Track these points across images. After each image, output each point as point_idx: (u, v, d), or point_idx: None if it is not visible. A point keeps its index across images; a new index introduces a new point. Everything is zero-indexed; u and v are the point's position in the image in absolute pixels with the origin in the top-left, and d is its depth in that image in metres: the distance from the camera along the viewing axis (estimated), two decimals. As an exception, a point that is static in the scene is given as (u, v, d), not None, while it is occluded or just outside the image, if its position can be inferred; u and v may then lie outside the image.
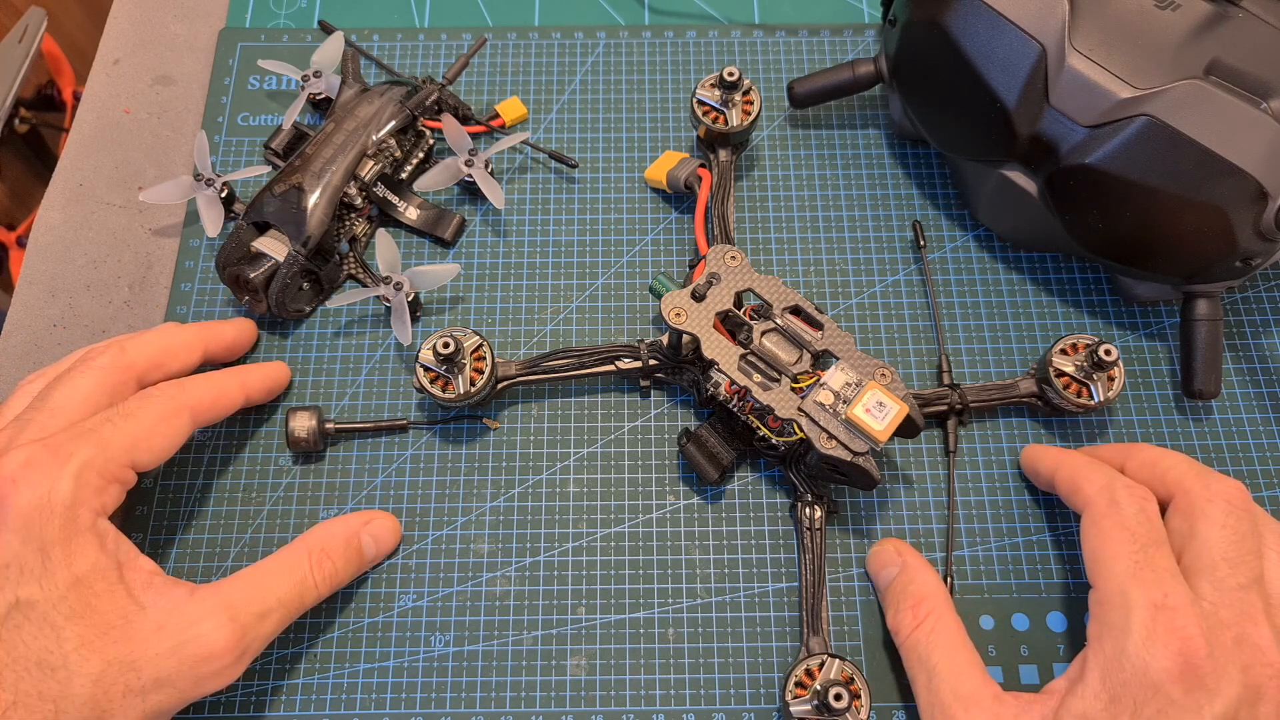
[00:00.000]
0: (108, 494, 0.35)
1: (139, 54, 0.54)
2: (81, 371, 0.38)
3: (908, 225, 0.49)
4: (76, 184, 0.51)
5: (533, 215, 0.49)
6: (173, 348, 0.41)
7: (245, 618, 0.35)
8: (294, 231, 0.44)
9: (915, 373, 0.46)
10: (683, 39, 0.54)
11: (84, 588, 0.33)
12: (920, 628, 0.37)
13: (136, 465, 0.36)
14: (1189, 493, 0.36)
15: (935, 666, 0.36)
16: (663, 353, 0.43)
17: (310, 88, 0.49)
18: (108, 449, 0.35)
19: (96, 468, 0.35)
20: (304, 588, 0.38)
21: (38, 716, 0.31)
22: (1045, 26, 0.41)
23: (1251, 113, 0.38)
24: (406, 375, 0.46)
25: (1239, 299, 0.48)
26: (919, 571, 0.39)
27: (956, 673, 0.36)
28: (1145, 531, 0.35)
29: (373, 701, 0.40)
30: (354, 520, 0.41)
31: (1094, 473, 0.38)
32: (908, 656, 0.38)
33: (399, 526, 0.42)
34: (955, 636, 0.37)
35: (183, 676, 0.34)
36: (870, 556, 0.42)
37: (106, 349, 0.39)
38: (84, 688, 0.32)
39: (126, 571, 0.34)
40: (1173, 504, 0.37)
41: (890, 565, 0.40)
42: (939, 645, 0.37)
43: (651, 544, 0.43)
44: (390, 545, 0.42)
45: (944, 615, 0.38)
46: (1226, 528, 0.35)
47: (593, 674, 0.40)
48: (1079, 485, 0.38)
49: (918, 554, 0.41)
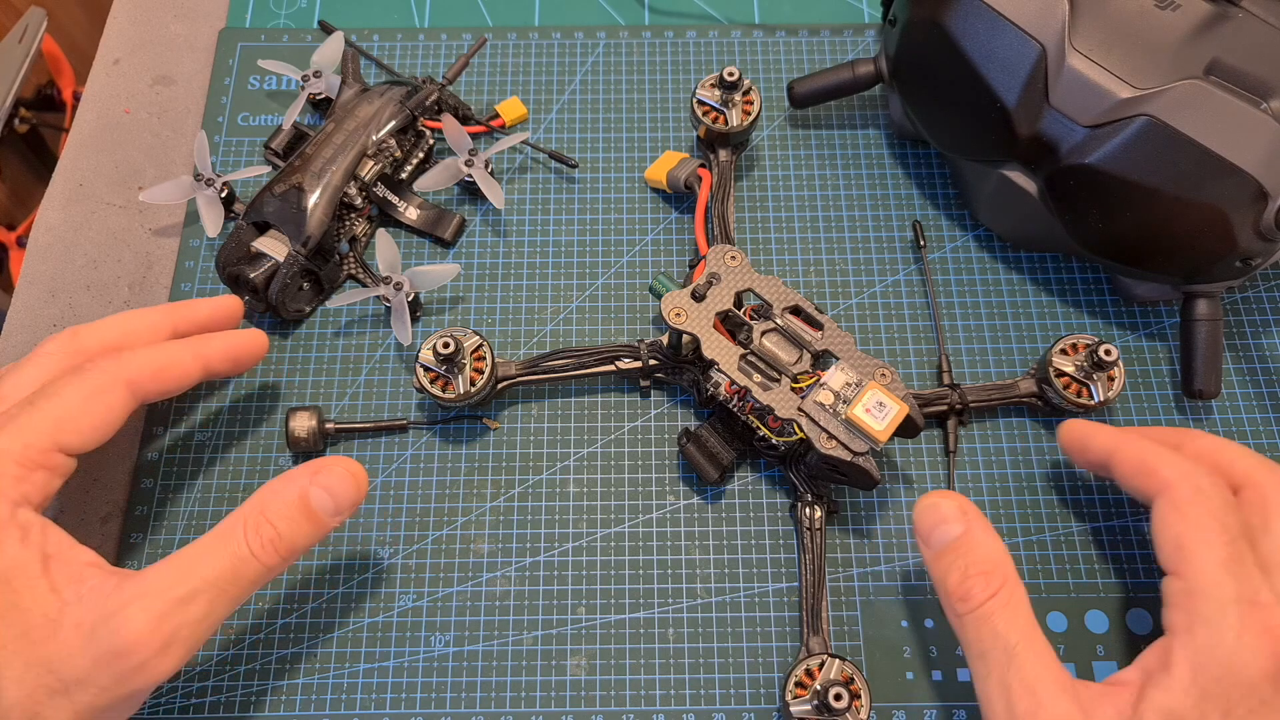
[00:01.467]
0: (29, 483, 0.33)
1: (139, 54, 0.54)
2: (30, 361, 0.36)
3: (908, 225, 0.49)
4: (76, 184, 0.51)
5: (533, 215, 0.49)
6: (135, 330, 0.38)
7: (163, 604, 0.31)
8: (294, 231, 0.44)
9: (915, 373, 0.46)
10: (683, 39, 0.54)
11: (3, 585, 0.31)
12: (995, 599, 0.33)
13: (65, 448, 0.34)
14: (1261, 486, 0.35)
15: (1015, 645, 0.33)
16: (663, 353, 0.43)
17: (310, 88, 0.49)
18: (24, 434, 0.33)
19: (14, 456, 0.32)
20: (239, 561, 0.33)
21: None
22: (1045, 26, 0.41)
23: (1251, 113, 0.38)
24: (406, 375, 0.46)
25: (1239, 299, 0.48)
26: (988, 535, 0.35)
27: (1039, 654, 0.33)
28: (1235, 523, 0.34)
29: (373, 701, 0.40)
30: (300, 473, 0.35)
31: (1170, 457, 0.36)
32: (978, 628, 0.34)
33: (359, 471, 0.36)
34: (1031, 614, 0.34)
35: (101, 673, 0.31)
36: (923, 509, 0.36)
37: (58, 336, 0.37)
38: (11, 691, 0.30)
39: (53, 564, 0.32)
40: (1242, 496, 0.35)
41: (950, 521, 0.35)
42: (1017, 621, 0.33)
43: (651, 544, 0.43)
44: (349, 495, 0.35)
45: (1019, 589, 0.34)
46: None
47: (593, 674, 0.40)
48: (1152, 468, 0.36)
49: (982, 515, 0.36)
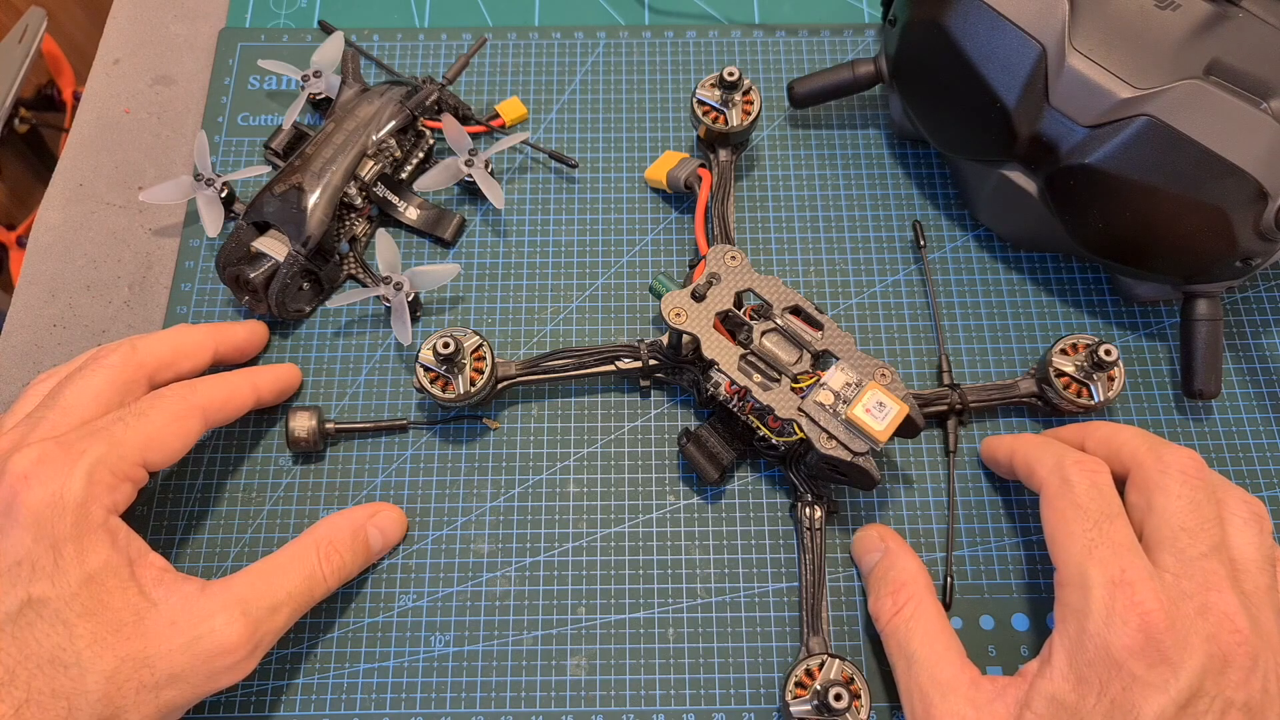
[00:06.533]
0: (119, 492, 0.35)
1: (139, 54, 0.54)
2: (93, 370, 0.38)
3: (908, 225, 0.49)
4: (76, 184, 0.51)
5: (533, 215, 0.49)
6: (184, 348, 0.41)
7: (257, 612, 0.35)
8: (294, 231, 0.44)
9: (915, 373, 0.46)
10: (683, 39, 0.54)
11: (96, 585, 0.33)
12: (899, 614, 0.37)
13: (148, 464, 0.36)
14: (1143, 466, 0.36)
15: (914, 652, 0.36)
16: (663, 353, 0.43)
17: (310, 88, 0.49)
18: (120, 447, 0.35)
19: (109, 465, 0.35)
20: (313, 581, 0.38)
21: (51, 714, 0.31)
22: (1045, 26, 0.41)
23: (1251, 113, 0.38)
24: (406, 375, 0.46)
25: (1239, 299, 0.48)
26: (900, 557, 0.39)
27: (935, 659, 0.36)
28: (1098, 507, 0.35)
29: (373, 701, 0.40)
30: (360, 513, 0.41)
31: (1045, 452, 0.38)
32: (887, 642, 0.38)
33: (404, 518, 0.43)
34: (934, 623, 0.37)
35: (196, 671, 0.34)
36: (854, 541, 0.42)
37: (118, 348, 0.39)
38: (97, 684, 0.32)
39: (138, 568, 0.35)
40: (1129, 479, 0.37)
41: (873, 550, 0.40)
42: (918, 631, 0.37)
43: (651, 544, 0.43)
44: (396, 537, 0.42)
45: (923, 601, 0.38)
46: (1182, 498, 0.35)
47: (593, 674, 0.40)
48: (1032, 467, 0.38)
49: (900, 539, 0.41)
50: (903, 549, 0.40)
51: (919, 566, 0.39)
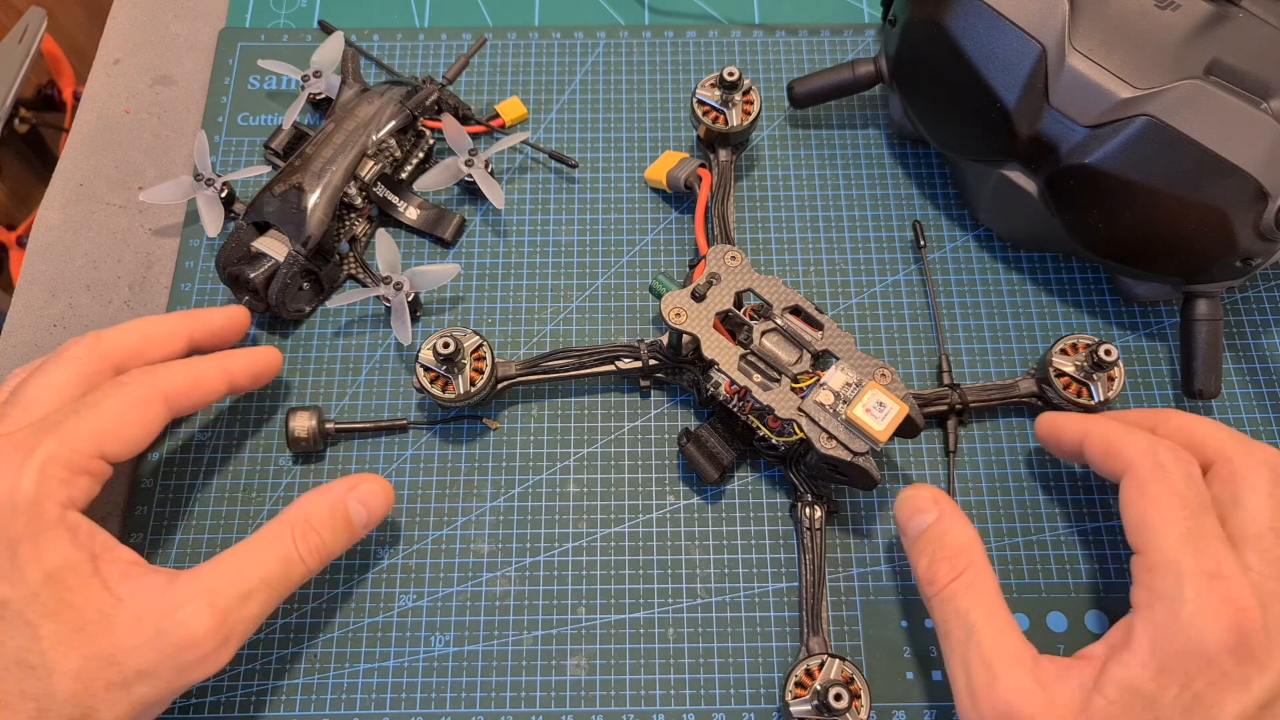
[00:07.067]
0: (75, 486, 0.34)
1: (139, 54, 0.54)
2: (56, 364, 0.37)
3: (908, 225, 0.49)
4: (76, 184, 0.51)
5: (533, 215, 0.49)
6: (154, 336, 0.40)
7: (225, 601, 0.34)
8: (294, 231, 0.44)
9: (915, 373, 0.46)
10: (683, 39, 0.54)
11: (57, 583, 0.32)
12: (959, 580, 0.35)
13: (106, 455, 0.35)
14: (1232, 460, 0.35)
15: (975, 622, 0.34)
16: (663, 353, 0.43)
17: (310, 88, 0.49)
18: (72, 440, 0.34)
19: (61, 460, 0.34)
20: (288, 563, 0.36)
21: (21, 715, 0.31)
22: (1045, 26, 0.41)
23: (1251, 113, 0.38)
24: (406, 375, 0.46)
25: (1239, 299, 0.48)
26: (958, 521, 0.37)
27: (999, 630, 0.34)
28: (1195, 497, 0.34)
29: (373, 701, 0.40)
30: (338, 487, 0.39)
31: (1134, 436, 0.36)
32: (943, 608, 0.35)
33: (389, 487, 0.40)
34: (995, 593, 0.35)
35: (164, 666, 0.33)
36: (901, 501, 0.38)
37: (81, 340, 0.38)
38: (65, 684, 0.32)
39: (101, 563, 0.34)
40: (1213, 471, 0.35)
41: (925, 511, 0.37)
42: (980, 599, 0.35)
43: (651, 544, 0.43)
44: (381, 508, 0.39)
45: (984, 570, 0.35)
46: (1273, 497, 0.34)
47: (593, 674, 0.40)
48: (1118, 449, 0.36)
49: (955, 504, 0.38)
50: (959, 514, 0.37)
51: (976, 534, 0.37)
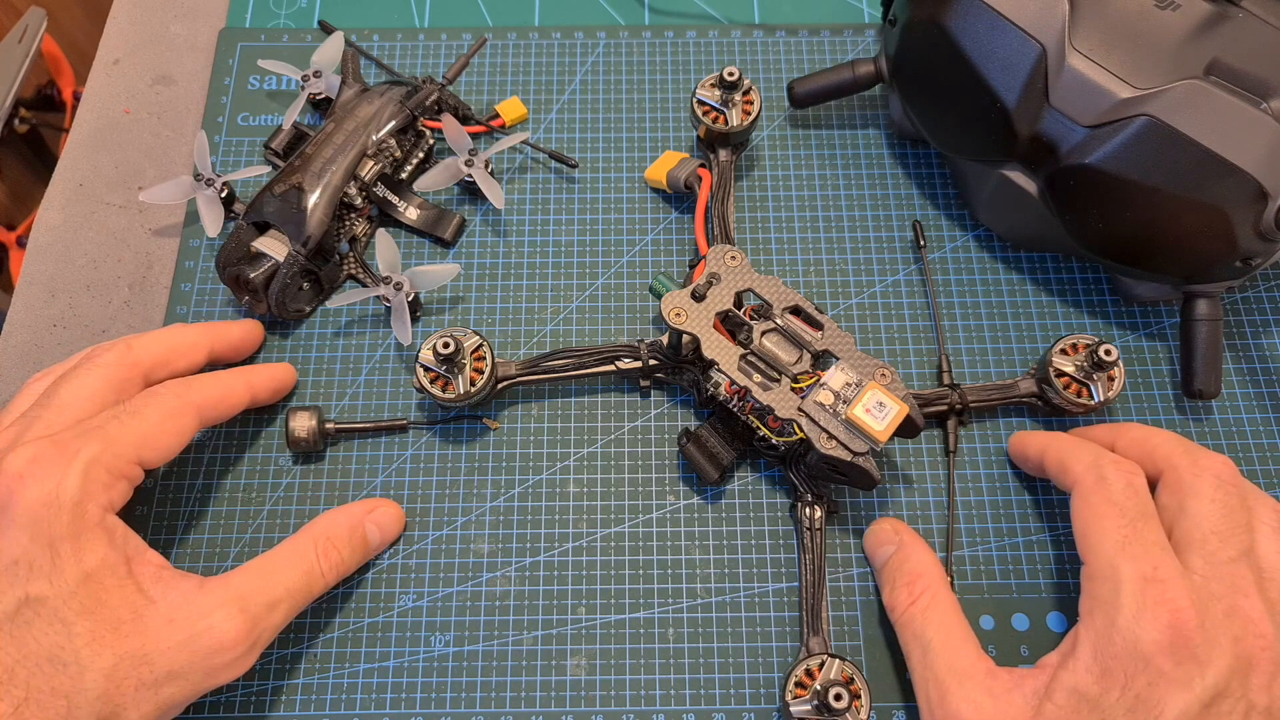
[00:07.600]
0: (115, 490, 0.35)
1: (139, 54, 0.54)
2: (87, 369, 0.38)
3: (908, 225, 0.49)
4: (76, 184, 0.51)
5: (533, 215, 0.49)
6: (179, 346, 0.41)
7: (255, 608, 0.35)
8: (294, 231, 0.44)
9: (915, 373, 0.46)
10: (683, 39, 0.54)
11: (93, 583, 0.33)
12: (915, 604, 0.38)
13: (144, 462, 0.36)
14: (1177, 469, 0.36)
15: (930, 641, 0.36)
16: (663, 353, 0.43)
17: (310, 88, 0.49)
18: (114, 445, 0.35)
19: (104, 464, 0.35)
20: (311, 577, 0.38)
21: (50, 712, 0.31)
22: (1045, 26, 0.41)
23: (1251, 113, 0.38)
24: (406, 375, 0.46)
25: (1239, 299, 0.48)
26: (915, 549, 0.40)
27: (951, 648, 0.36)
28: (1133, 506, 0.35)
29: (373, 701, 0.40)
30: (358, 509, 0.41)
31: (1081, 450, 0.38)
32: (903, 632, 0.38)
33: (402, 514, 0.43)
34: (950, 613, 0.37)
35: (195, 668, 0.34)
36: (868, 535, 0.42)
37: (112, 347, 0.39)
38: (96, 682, 0.32)
39: (135, 566, 0.35)
40: (1162, 480, 0.37)
41: (887, 543, 0.41)
42: (934, 621, 0.37)
43: (651, 544, 0.43)
44: (394, 533, 0.42)
45: (939, 592, 0.38)
46: (1215, 502, 0.35)
47: (593, 674, 0.40)
48: (1067, 464, 0.38)
49: (914, 533, 0.41)
50: (917, 542, 0.40)
51: (934, 559, 0.40)
